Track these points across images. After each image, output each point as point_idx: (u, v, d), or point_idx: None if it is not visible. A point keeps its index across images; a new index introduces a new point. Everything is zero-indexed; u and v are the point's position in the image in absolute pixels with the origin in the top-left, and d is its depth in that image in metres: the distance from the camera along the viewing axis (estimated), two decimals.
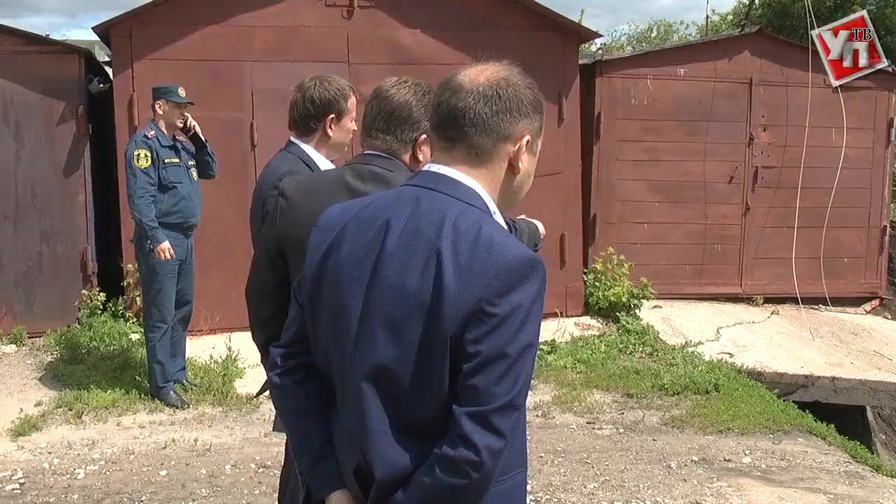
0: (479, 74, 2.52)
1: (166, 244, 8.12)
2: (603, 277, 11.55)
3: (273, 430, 4.06)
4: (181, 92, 8.37)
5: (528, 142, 2.53)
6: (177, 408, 8.30)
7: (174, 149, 8.40)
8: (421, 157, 3.50)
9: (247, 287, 3.82)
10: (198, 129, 8.43)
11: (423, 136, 3.46)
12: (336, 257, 2.51)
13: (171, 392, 8.44)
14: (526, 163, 2.55)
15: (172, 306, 8.42)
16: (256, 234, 3.89)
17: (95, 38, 11.19)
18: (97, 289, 10.37)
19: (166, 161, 8.29)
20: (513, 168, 2.53)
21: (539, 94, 2.59)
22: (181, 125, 8.37)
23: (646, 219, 12.32)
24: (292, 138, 4.32)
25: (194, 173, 8.52)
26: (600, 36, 12.44)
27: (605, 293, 11.34)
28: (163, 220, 8.20)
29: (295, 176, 3.82)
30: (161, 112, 8.32)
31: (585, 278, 11.69)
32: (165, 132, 8.34)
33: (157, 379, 8.40)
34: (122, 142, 9.95)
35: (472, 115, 2.47)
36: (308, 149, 4.21)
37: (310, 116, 4.20)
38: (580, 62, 11.66)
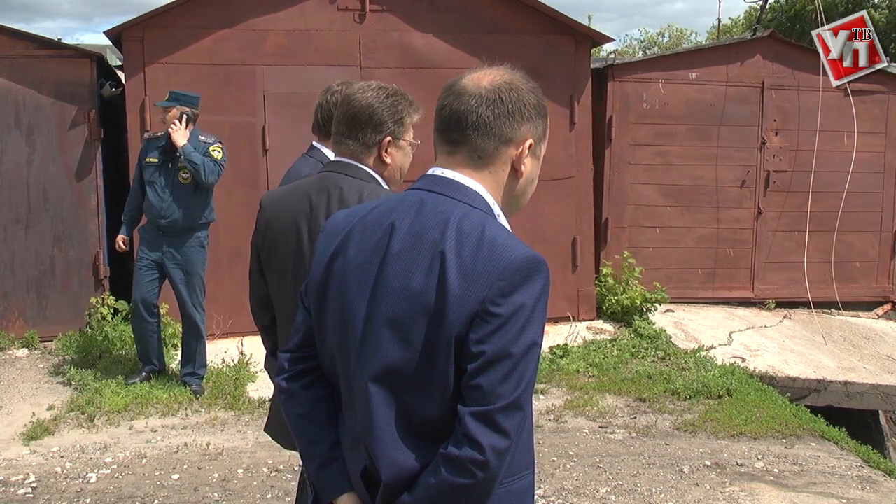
0: (483, 78, 2.54)
1: (119, 237, 9.01)
2: (613, 281, 11.55)
3: (264, 430, 4.08)
4: (168, 96, 8.67)
5: (530, 145, 2.55)
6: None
7: (159, 149, 8.62)
8: (388, 161, 3.59)
9: (249, 297, 3.88)
10: (173, 135, 8.49)
11: (388, 138, 3.54)
12: (342, 261, 2.54)
13: (142, 374, 8.96)
14: (529, 166, 2.58)
15: (140, 295, 8.75)
16: None
17: (108, 42, 11.20)
18: (109, 293, 10.38)
19: (146, 160, 8.67)
20: (516, 171, 2.56)
21: (543, 98, 2.61)
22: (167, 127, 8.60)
23: (658, 223, 12.29)
24: (314, 142, 4.34)
25: (183, 176, 8.57)
26: (612, 40, 12.42)
27: (618, 297, 11.33)
28: (145, 216, 8.73)
29: (275, 189, 3.88)
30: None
31: (598, 282, 11.68)
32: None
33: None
34: (134, 146, 9.99)
35: (474, 118, 2.49)
36: (329, 153, 4.22)
37: (332, 121, 4.21)
38: (592, 66, 11.64)
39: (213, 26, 10.27)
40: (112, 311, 10.22)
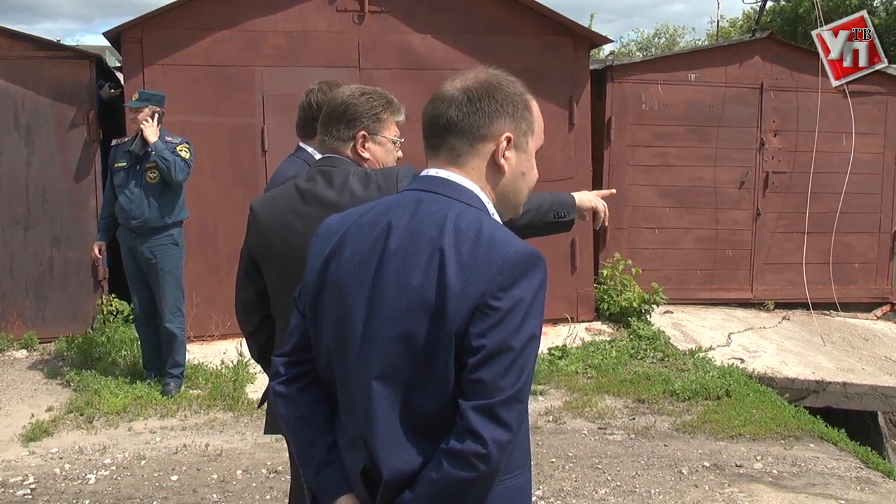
0: (459, 81, 2.61)
1: (95, 244, 9.15)
2: (613, 283, 11.55)
3: (264, 432, 4.09)
4: (134, 96, 8.80)
5: (508, 139, 2.57)
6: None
7: (128, 153, 8.71)
8: (366, 155, 3.69)
9: (234, 304, 3.91)
10: (145, 131, 8.57)
11: (363, 133, 3.65)
12: (338, 263, 2.56)
13: (147, 380, 8.96)
14: (514, 161, 2.61)
15: (135, 302, 9.03)
16: None
17: (108, 43, 11.19)
18: (107, 294, 10.38)
19: (115, 166, 8.78)
20: (498, 167, 2.58)
21: (525, 92, 2.65)
22: (136, 127, 8.66)
23: (657, 224, 12.30)
24: (300, 143, 4.38)
25: (150, 176, 8.63)
26: (611, 41, 12.43)
27: (616, 298, 11.33)
28: (119, 220, 8.79)
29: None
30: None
31: (596, 283, 11.68)
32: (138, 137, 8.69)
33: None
34: None
35: (443, 120, 2.57)
36: (314, 151, 4.25)
37: (311, 119, 4.24)
38: (591, 67, 11.65)
39: (212, 27, 10.27)
40: (114, 312, 10.21)
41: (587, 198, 4.33)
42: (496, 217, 2.57)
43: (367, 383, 2.42)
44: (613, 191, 4.97)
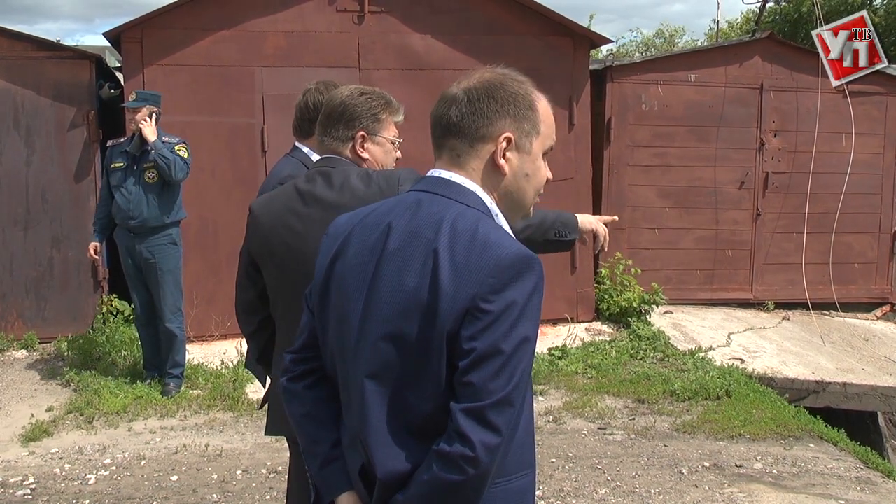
0: (464, 81, 2.62)
1: (91, 245, 9.01)
2: (613, 283, 11.54)
3: (265, 433, 4.08)
4: (131, 97, 8.82)
5: (508, 140, 2.56)
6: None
7: (125, 153, 8.73)
8: (365, 155, 3.69)
9: (235, 304, 3.91)
10: (144, 130, 8.57)
11: (361, 133, 3.65)
12: (342, 262, 2.58)
13: (147, 380, 8.98)
14: (515, 162, 2.59)
15: (136, 302, 9.02)
16: None
17: (108, 43, 11.19)
18: (107, 294, 10.37)
19: (112, 166, 8.79)
20: (498, 168, 2.57)
21: (530, 92, 2.62)
22: (134, 127, 8.66)
23: (656, 224, 12.29)
24: (296, 143, 4.39)
25: (149, 175, 8.64)
26: (611, 41, 12.40)
27: (616, 298, 11.32)
28: (116, 220, 8.79)
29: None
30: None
31: (596, 284, 11.67)
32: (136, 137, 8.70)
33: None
34: None
35: (444, 121, 2.58)
36: (310, 152, 4.26)
37: (308, 119, 4.25)
38: (591, 67, 11.63)
39: (211, 27, 10.26)
40: (114, 312, 10.21)
41: (588, 220, 4.41)
42: (500, 218, 2.58)
43: (360, 382, 2.43)
44: (616, 217, 5.02)
